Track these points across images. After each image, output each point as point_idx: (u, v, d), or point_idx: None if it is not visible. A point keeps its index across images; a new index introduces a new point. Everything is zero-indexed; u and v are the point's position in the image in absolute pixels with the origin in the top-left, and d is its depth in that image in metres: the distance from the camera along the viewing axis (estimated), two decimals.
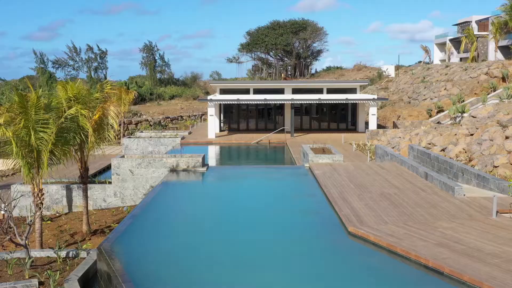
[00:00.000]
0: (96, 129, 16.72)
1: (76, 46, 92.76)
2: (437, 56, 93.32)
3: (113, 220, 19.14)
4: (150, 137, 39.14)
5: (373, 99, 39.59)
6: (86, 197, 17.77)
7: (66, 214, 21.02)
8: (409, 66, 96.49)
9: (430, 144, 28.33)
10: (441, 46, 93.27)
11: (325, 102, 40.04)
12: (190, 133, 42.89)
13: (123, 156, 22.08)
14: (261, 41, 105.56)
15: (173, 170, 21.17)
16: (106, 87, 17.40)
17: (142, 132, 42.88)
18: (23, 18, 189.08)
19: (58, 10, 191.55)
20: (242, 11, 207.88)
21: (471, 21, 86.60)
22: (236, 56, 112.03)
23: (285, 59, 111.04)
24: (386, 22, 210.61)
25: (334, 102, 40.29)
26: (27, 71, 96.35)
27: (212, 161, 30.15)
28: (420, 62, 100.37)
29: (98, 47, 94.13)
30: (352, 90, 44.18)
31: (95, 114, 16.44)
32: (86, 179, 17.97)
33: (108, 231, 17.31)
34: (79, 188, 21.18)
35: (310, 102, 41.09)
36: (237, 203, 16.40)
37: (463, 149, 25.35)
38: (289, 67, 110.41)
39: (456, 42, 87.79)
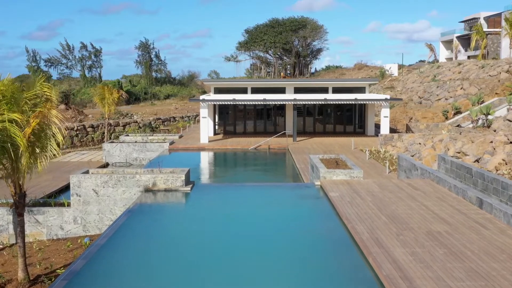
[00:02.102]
0: (34, 142, 12.11)
1: (70, 44, 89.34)
2: (442, 54, 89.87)
3: (65, 258, 14.50)
4: (135, 141, 34.77)
5: (386, 100, 35.11)
6: (22, 232, 12.94)
7: (11, 246, 16.47)
8: (410, 65, 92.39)
9: (459, 153, 23.97)
10: (447, 44, 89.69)
11: (331, 102, 35.60)
12: (181, 136, 38.41)
13: (86, 172, 17.53)
14: (260, 39, 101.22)
15: (149, 190, 16.65)
16: (39, 83, 12.73)
17: (128, 135, 38.32)
18: (23, 18, 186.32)
19: (57, 10, 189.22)
20: (241, 11, 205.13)
21: (479, 18, 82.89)
22: (234, 55, 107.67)
23: (284, 57, 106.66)
24: (384, 22, 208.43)
25: (342, 102, 35.84)
26: (24, 70, 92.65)
27: (201, 172, 25.70)
28: (422, 61, 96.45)
29: (92, 45, 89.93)
30: (360, 90, 39.85)
31: (32, 122, 11.76)
32: (22, 208, 13.07)
33: (49, 280, 12.71)
34: (30, 213, 16.75)
35: (314, 102, 36.65)
36: (227, 244, 11.76)
37: (503, 160, 21.01)
38: (288, 66, 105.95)
39: (463, 39, 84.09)
